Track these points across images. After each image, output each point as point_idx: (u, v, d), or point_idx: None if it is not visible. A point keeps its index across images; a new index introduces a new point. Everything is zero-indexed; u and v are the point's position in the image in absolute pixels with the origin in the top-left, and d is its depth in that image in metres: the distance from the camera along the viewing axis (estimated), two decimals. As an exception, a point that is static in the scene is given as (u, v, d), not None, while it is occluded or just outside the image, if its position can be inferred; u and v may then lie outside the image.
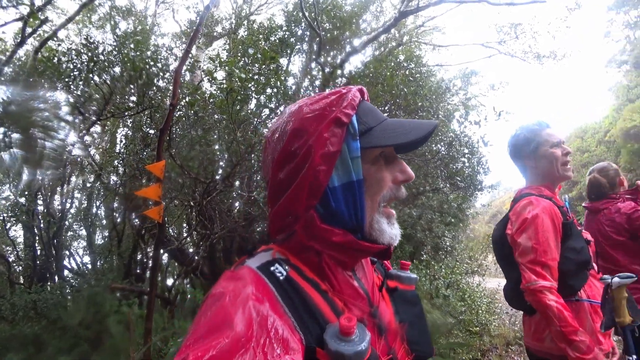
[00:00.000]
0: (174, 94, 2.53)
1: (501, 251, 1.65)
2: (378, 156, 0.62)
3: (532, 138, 1.64)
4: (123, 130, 6.39)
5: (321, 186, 0.57)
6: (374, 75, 4.45)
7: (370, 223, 0.61)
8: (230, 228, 4.51)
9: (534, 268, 1.39)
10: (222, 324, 0.45)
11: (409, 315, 0.70)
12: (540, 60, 8.91)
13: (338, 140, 0.58)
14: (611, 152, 16.36)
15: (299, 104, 0.64)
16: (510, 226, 1.53)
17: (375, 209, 0.61)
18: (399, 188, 0.64)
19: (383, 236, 0.61)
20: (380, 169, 0.62)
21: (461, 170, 4.98)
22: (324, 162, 0.57)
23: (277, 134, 0.63)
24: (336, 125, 0.58)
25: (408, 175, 0.64)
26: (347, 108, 0.60)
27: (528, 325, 1.62)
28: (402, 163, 0.65)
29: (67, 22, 5.32)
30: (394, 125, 0.63)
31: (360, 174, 0.59)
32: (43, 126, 4.80)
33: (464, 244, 7.22)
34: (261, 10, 9.22)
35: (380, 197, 0.61)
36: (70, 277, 6.57)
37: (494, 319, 5.12)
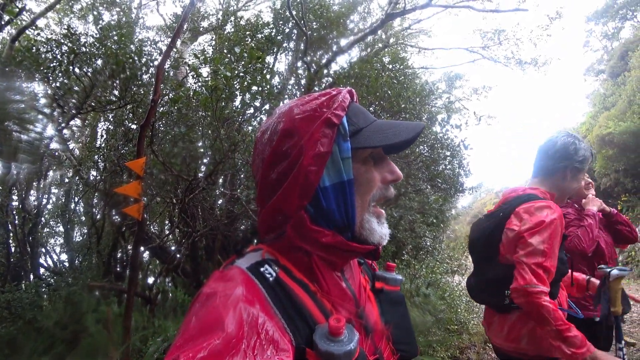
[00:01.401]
0: (156, 90, 2.49)
1: (486, 244, 1.62)
2: (368, 157, 0.63)
3: (585, 159, 1.62)
4: (104, 124, 6.23)
5: (312, 186, 0.58)
6: (359, 76, 4.48)
7: (361, 222, 0.62)
8: (213, 226, 4.47)
9: (537, 271, 1.38)
10: (213, 324, 0.45)
11: (395, 316, 0.71)
12: (522, 66, 9.17)
13: (329, 141, 0.59)
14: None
15: (289, 105, 0.65)
16: (518, 222, 1.50)
17: (366, 208, 0.62)
18: (387, 188, 0.65)
19: (373, 235, 0.62)
20: (370, 169, 0.63)
21: (442, 172, 5.08)
22: (315, 162, 0.58)
23: (267, 134, 0.64)
24: (327, 126, 0.59)
25: (397, 176, 0.66)
26: (338, 109, 0.61)
27: (499, 325, 1.61)
28: (391, 163, 0.67)
29: (47, 11, 5.15)
30: (383, 127, 0.64)
31: (350, 174, 0.60)
32: (19, 118, 4.64)
33: (444, 244, 7.36)
34: (248, 6, 9.13)
35: (370, 196, 0.63)
36: (47, 275, 6.36)
37: (473, 317, 5.24)
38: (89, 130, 6.81)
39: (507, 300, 1.50)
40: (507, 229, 1.53)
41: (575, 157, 1.60)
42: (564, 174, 1.62)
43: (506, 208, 1.61)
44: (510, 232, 1.51)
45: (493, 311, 1.66)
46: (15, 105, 4.71)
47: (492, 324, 1.66)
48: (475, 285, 1.72)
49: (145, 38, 5.53)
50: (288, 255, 0.61)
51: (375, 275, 0.78)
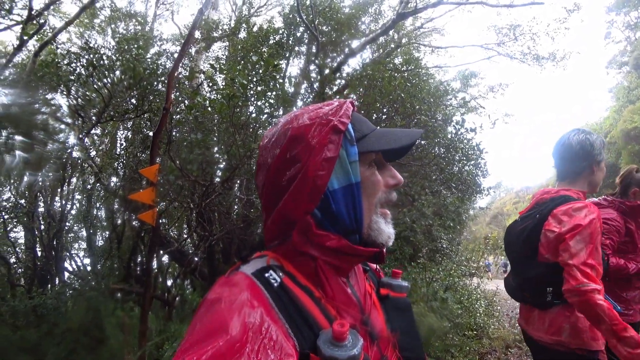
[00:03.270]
0: (167, 98, 2.55)
1: (524, 245, 1.70)
2: (372, 161, 0.66)
3: (601, 149, 1.72)
4: (123, 132, 6.42)
5: (320, 190, 0.60)
6: (371, 79, 4.46)
7: (369, 224, 0.64)
8: (229, 230, 4.53)
9: (585, 270, 1.43)
10: (218, 329, 0.46)
11: (401, 323, 0.71)
12: (539, 61, 8.91)
13: (336, 146, 0.61)
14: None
15: (295, 114, 0.67)
16: (557, 224, 1.56)
17: (373, 210, 0.64)
18: (390, 192, 0.67)
19: (381, 235, 0.64)
20: (374, 173, 0.65)
21: (457, 174, 5.00)
22: (323, 166, 0.60)
23: (272, 141, 0.65)
24: (334, 132, 0.62)
25: (398, 180, 0.68)
26: (343, 117, 0.63)
27: (539, 320, 1.67)
28: (392, 169, 0.69)
29: (67, 26, 5.35)
30: (385, 133, 0.68)
31: (358, 177, 0.62)
32: (43, 129, 4.84)
33: (462, 247, 7.22)
34: (260, 12, 9.25)
35: (376, 198, 0.65)
36: (71, 279, 6.58)
37: (493, 321, 5.11)
38: (109, 139, 7.02)
39: (549, 297, 1.60)
40: (547, 231, 1.60)
41: (594, 152, 1.69)
42: (590, 170, 1.71)
43: (542, 210, 1.68)
44: (550, 233, 1.57)
45: (532, 307, 1.72)
46: (40, 116, 4.91)
47: (530, 318, 1.72)
48: (515, 285, 1.79)
49: (162, 49, 5.67)
50: (293, 261, 0.62)
51: (380, 282, 0.78)
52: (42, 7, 4.61)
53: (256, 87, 3.42)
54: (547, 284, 1.60)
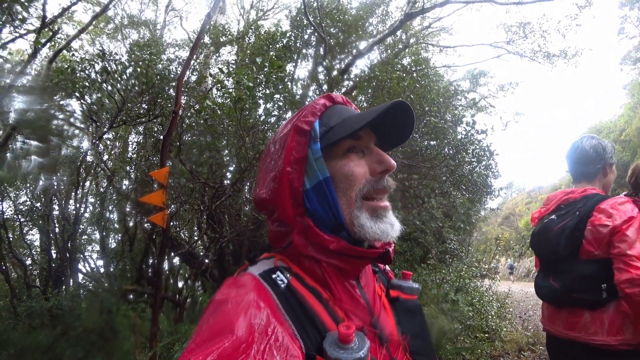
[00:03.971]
0: (176, 102, 2.59)
1: (568, 242, 1.66)
2: (345, 151, 0.64)
3: (612, 153, 1.82)
4: (135, 137, 6.54)
5: (298, 191, 0.61)
6: (380, 80, 4.45)
7: (351, 220, 0.61)
8: (239, 232, 4.56)
9: None
10: (224, 329, 0.46)
11: (412, 326, 0.69)
12: (550, 59, 8.76)
13: (302, 147, 0.62)
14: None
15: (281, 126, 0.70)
16: (608, 218, 1.56)
17: (353, 204, 0.61)
18: (379, 179, 0.63)
19: (364, 231, 0.60)
20: (347, 163, 0.63)
21: (467, 176, 4.94)
22: (294, 168, 0.61)
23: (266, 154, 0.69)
24: (298, 134, 0.62)
25: (387, 165, 0.63)
26: (307, 116, 0.64)
27: (595, 322, 1.59)
28: (380, 153, 0.65)
29: (80, 33, 5.48)
30: (354, 117, 0.64)
31: (325, 173, 0.61)
32: (59, 134, 4.96)
33: (473, 248, 7.13)
34: (268, 15, 9.31)
35: (355, 191, 0.62)
36: (85, 280, 6.71)
37: (505, 324, 5.03)
38: (121, 143, 7.15)
39: (605, 294, 1.55)
40: (598, 226, 1.58)
41: (606, 155, 1.79)
42: (604, 172, 1.80)
43: (580, 207, 1.69)
44: (603, 227, 1.56)
45: (580, 310, 1.63)
46: (55, 122, 5.04)
47: (579, 323, 1.63)
48: (560, 287, 1.69)
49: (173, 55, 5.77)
50: (299, 263, 0.62)
51: (390, 284, 0.76)
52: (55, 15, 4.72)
53: (265, 90, 3.45)
54: (601, 280, 1.56)
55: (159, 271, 2.82)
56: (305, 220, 0.60)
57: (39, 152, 4.82)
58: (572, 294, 1.64)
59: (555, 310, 1.75)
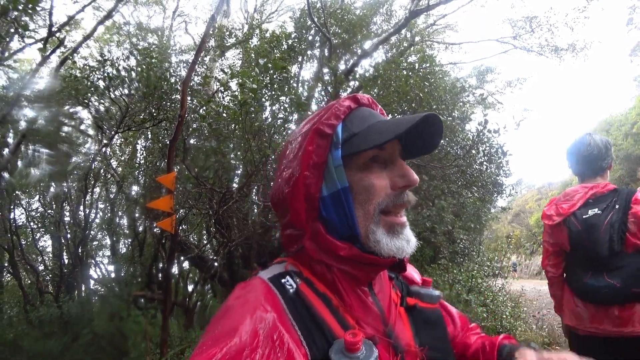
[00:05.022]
0: (182, 105, 2.59)
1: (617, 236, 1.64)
2: (368, 162, 0.60)
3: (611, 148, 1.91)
4: (143, 142, 6.58)
5: (314, 196, 0.59)
6: (385, 79, 4.40)
7: (366, 233, 0.58)
8: (248, 235, 4.55)
9: None
10: (229, 332, 0.46)
11: (431, 337, 0.65)
12: (558, 53, 8.61)
13: (323, 152, 0.59)
14: (638, 144, 15.61)
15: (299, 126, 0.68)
16: None
17: (370, 218, 0.59)
18: (400, 194, 0.60)
19: (379, 247, 0.57)
20: (368, 176, 0.59)
21: (478, 177, 4.86)
22: (312, 173, 0.58)
23: (283, 156, 0.67)
24: (319, 137, 0.59)
25: (409, 180, 0.60)
26: (330, 119, 0.60)
27: None
28: (404, 167, 0.61)
29: (84, 40, 5.54)
30: (380, 126, 0.60)
31: (344, 182, 0.58)
32: (68, 142, 5.02)
33: (484, 247, 7.03)
34: (272, 18, 9.32)
35: (373, 205, 0.59)
36: (96, 286, 6.78)
37: (519, 323, 4.94)
38: (130, 148, 7.22)
39: None
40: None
41: (611, 151, 1.87)
42: (610, 166, 1.88)
43: (617, 200, 1.70)
44: None
45: (631, 304, 1.61)
46: (64, 129, 5.10)
47: (633, 316, 1.60)
48: (621, 283, 1.62)
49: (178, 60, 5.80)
50: (311, 267, 0.61)
51: (409, 291, 0.72)
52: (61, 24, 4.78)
53: (271, 92, 3.44)
54: None
55: (168, 277, 2.82)
56: (316, 226, 0.58)
57: (49, 159, 4.90)
58: (633, 288, 1.59)
59: (601, 310, 1.68)
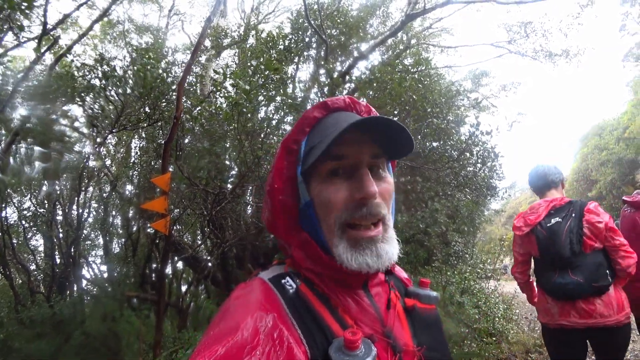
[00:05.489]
0: (178, 107, 2.58)
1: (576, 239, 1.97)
2: (327, 174, 0.58)
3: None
4: (138, 141, 6.54)
5: (291, 209, 0.61)
6: (381, 81, 4.43)
7: (332, 246, 0.58)
8: (241, 236, 4.54)
9: None
10: (230, 331, 0.46)
11: (429, 337, 0.66)
12: (552, 59, 8.70)
13: (292, 166, 0.61)
14: (631, 149, 15.78)
15: None
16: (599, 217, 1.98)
17: (333, 232, 0.57)
18: (358, 207, 0.56)
19: (342, 261, 0.56)
20: (326, 188, 0.58)
21: (471, 179, 4.90)
22: (285, 187, 0.60)
23: None
24: (287, 153, 0.61)
25: (364, 192, 0.55)
26: (296, 134, 0.62)
27: (607, 305, 1.90)
28: (361, 178, 0.57)
29: (80, 38, 5.50)
30: (327, 137, 0.56)
31: (307, 196, 0.60)
32: (61, 140, 4.97)
33: (477, 249, 7.07)
34: (269, 19, 9.32)
35: (332, 219, 0.57)
36: (88, 286, 6.71)
37: (512, 325, 4.98)
38: (124, 147, 7.16)
39: (610, 279, 1.90)
40: (595, 223, 1.95)
41: (560, 171, 2.25)
42: (562, 182, 2.25)
43: (573, 209, 2.03)
44: (599, 224, 1.94)
45: (592, 298, 1.90)
46: (57, 128, 5.05)
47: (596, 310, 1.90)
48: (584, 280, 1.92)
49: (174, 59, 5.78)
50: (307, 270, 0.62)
51: (407, 292, 0.73)
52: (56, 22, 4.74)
53: (266, 93, 3.44)
54: (606, 267, 1.91)
55: (161, 277, 2.80)
56: (302, 235, 0.60)
57: (42, 157, 4.84)
58: (593, 283, 1.90)
59: (567, 305, 1.97)
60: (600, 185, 16.75)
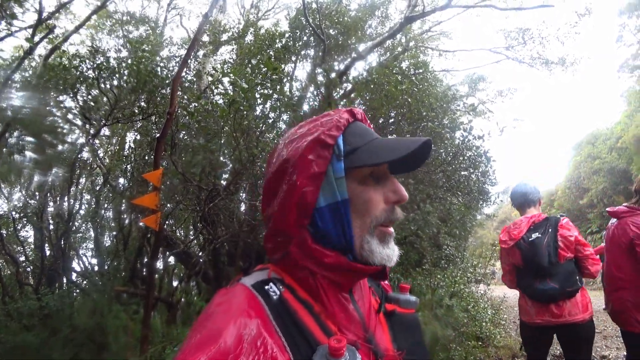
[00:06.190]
0: (172, 103, 2.56)
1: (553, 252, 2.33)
2: (367, 176, 0.62)
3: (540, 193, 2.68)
4: (132, 134, 6.49)
5: (309, 206, 0.59)
6: (378, 83, 4.43)
7: (361, 243, 0.60)
8: (233, 233, 4.53)
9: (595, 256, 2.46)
10: (213, 338, 0.46)
11: (408, 341, 0.68)
12: (548, 66, 8.79)
13: (323, 162, 0.60)
14: (623, 159, 15.99)
15: (293, 128, 0.67)
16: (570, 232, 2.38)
17: (367, 229, 0.61)
18: (393, 209, 0.63)
19: (373, 256, 0.60)
20: (367, 190, 0.62)
21: (464, 183, 4.94)
22: (310, 182, 0.59)
23: (274, 157, 0.66)
24: (321, 147, 0.60)
25: (400, 196, 0.63)
26: (332, 130, 0.61)
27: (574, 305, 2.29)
28: (395, 183, 0.64)
29: (76, 30, 5.43)
30: (381, 144, 0.63)
31: (345, 194, 0.60)
32: (53, 131, 4.91)
33: (468, 253, 7.12)
34: (268, 15, 9.29)
35: (370, 218, 0.61)
36: (78, 279, 6.65)
37: (499, 330, 5.03)
38: (118, 140, 7.10)
39: (579, 283, 2.30)
40: (567, 236, 2.34)
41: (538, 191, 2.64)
42: (539, 201, 2.63)
43: (549, 225, 2.40)
44: (571, 237, 2.34)
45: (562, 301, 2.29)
46: (50, 119, 4.99)
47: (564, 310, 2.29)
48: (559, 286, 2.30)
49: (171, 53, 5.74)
50: (294, 275, 0.61)
51: (387, 297, 0.74)
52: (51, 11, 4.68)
53: (263, 91, 3.42)
54: (576, 274, 2.32)
55: (151, 273, 2.78)
56: (303, 234, 0.59)
57: (34, 148, 4.78)
58: (567, 288, 2.28)
59: (542, 306, 2.36)
60: (591, 194, 16.94)
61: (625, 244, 2.24)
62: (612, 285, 2.35)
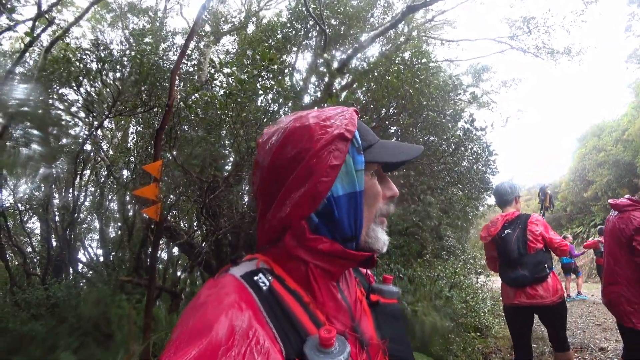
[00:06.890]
0: (170, 94, 2.56)
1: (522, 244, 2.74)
2: (373, 172, 0.66)
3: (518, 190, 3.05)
4: (135, 127, 6.52)
5: (321, 195, 0.59)
6: (379, 73, 4.40)
7: (367, 231, 0.64)
8: (235, 224, 4.57)
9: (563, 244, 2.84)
10: (203, 331, 0.45)
11: (391, 330, 0.70)
12: (554, 56, 8.65)
13: (342, 154, 0.61)
14: (628, 151, 15.80)
15: (299, 114, 0.66)
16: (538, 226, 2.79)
17: (372, 219, 0.65)
18: (389, 203, 0.68)
19: (378, 243, 0.65)
20: (375, 184, 0.66)
21: (465, 174, 4.92)
22: (329, 173, 0.59)
23: (272, 140, 0.64)
24: (341, 140, 0.61)
25: (394, 192, 0.69)
26: (350, 125, 0.63)
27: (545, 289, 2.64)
28: (389, 180, 0.70)
29: (76, 21, 5.41)
30: (389, 145, 0.70)
31: (362, 186, 0.62)
32: (57, 124, 4.95)
33: (469, 244, 7.13)
34: (270, 5, 9.18)
35: (376, 208, 0.65)
36: (84, 269, 6.77)
37: (498, 321, 5.07)
38: (122, 132, 7.13)
39: (547, 270, 2.65)
40: (534, 231, 2.74)
41: (515, 190, 2.99)
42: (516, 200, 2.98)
43: (519, 222, 2.80)
44: (537, 231, 2.74)
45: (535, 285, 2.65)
46: (54, 112, 5.02)
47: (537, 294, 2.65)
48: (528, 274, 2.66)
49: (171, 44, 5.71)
50: (284, 264, 0.61)
51: (371, 288, 0.77)
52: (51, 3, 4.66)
53: (263, 83, 3.41)
54: (544, 262, 2.68)
55: (152, 263, 2.82)
56: (302, 224, 0.60)
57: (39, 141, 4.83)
58: (535, 275, 2.64)
59: (518, 290, 2.72)
60: (596, 186, 16.82)
61: (625, 237, 2.19)
62: (609, 278, 2.36)
